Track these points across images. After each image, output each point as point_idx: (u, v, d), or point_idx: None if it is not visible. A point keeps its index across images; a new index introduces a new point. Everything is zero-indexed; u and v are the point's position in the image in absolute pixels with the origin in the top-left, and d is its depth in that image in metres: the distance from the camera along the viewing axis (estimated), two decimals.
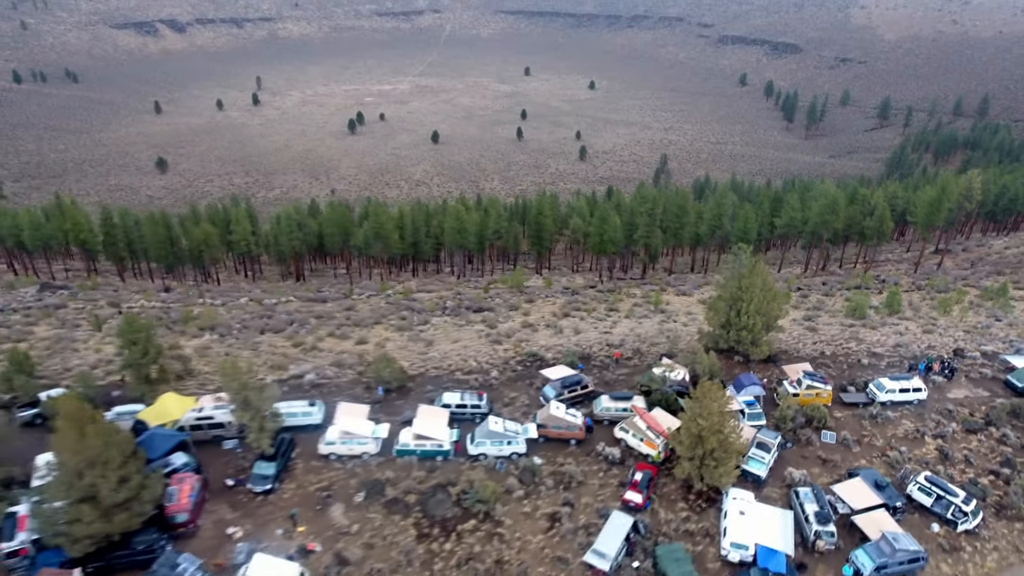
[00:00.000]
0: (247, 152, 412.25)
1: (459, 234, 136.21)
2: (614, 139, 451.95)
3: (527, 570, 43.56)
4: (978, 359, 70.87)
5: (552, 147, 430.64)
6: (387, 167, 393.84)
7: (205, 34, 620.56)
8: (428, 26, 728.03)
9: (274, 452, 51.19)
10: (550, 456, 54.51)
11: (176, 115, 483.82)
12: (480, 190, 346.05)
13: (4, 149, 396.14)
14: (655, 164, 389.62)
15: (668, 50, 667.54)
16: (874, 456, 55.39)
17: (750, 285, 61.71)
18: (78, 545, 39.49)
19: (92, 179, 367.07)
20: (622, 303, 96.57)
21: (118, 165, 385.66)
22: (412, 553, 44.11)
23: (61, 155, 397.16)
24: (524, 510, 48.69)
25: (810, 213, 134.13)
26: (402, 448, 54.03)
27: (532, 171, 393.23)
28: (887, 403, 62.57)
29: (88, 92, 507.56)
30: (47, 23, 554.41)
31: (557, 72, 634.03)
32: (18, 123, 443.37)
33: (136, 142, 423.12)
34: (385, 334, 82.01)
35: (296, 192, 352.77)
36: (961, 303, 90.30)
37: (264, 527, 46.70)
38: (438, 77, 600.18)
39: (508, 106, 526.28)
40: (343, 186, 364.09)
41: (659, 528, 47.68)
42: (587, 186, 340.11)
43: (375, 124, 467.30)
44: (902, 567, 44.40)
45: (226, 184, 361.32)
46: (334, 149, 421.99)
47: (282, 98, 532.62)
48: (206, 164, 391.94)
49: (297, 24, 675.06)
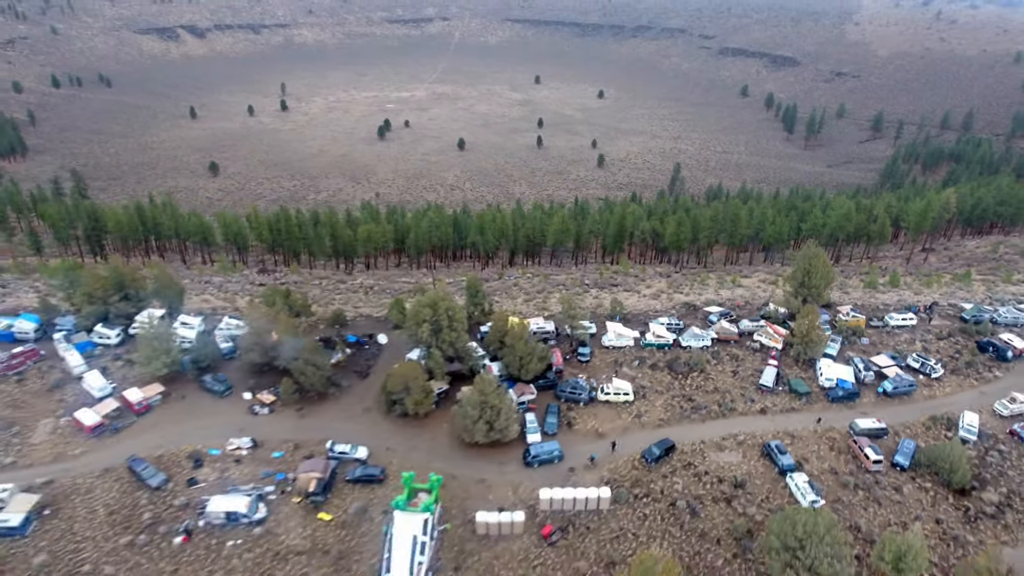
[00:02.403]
0: (286, 157, 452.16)
1: (563, 234, 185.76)
2: (627, 147, 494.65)
3: (729, 389, 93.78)
4: (946, 307, 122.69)
5: (570, 155, 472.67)
6: (420, 172, 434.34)
7: (224, 39, 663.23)
8: (437, 33, 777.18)
9: (583, 344, 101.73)
10: (723, 347, 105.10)
11: (210, 120, 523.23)
12: (510, 195, 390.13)
13: (61, 152, 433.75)
14: (668, 171, 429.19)
15: (671, 60, 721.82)
16: (889, 347, 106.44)
17: (815, 262, 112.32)
18: (529, 376, 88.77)
19: (150, 181, 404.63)
20: (708, 281, 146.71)
21: (171, 168, 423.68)
22: (670, 384, 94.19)
23: (114, 158, 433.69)
24: (718, 369, 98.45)
25: (829, 220, 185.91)
26: (647, 342, 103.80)
27: (555, 177, 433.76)
28: (894, 326, 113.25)
29: (122, 96, 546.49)
30: (75, 28, 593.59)
31: (565, 80, 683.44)
32: (64, 127, 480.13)
33: (180, 146, 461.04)
34: (596, 293, 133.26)
35: (342, 195, 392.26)
36: (938, 281, 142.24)
37: (593, 374, 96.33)
38: (452, 84, 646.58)
39: (523, 114, 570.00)
40: (384, 190, 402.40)
41: (787, 373, 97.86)
42: (608, 192, 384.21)
43: (401, 130, 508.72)
44: (904, 389, 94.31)
45: (276, 187, 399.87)
46: (367, 154, 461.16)
47: (307, 104, 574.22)
48: (251, 168, 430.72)
49: (311, 30, 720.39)
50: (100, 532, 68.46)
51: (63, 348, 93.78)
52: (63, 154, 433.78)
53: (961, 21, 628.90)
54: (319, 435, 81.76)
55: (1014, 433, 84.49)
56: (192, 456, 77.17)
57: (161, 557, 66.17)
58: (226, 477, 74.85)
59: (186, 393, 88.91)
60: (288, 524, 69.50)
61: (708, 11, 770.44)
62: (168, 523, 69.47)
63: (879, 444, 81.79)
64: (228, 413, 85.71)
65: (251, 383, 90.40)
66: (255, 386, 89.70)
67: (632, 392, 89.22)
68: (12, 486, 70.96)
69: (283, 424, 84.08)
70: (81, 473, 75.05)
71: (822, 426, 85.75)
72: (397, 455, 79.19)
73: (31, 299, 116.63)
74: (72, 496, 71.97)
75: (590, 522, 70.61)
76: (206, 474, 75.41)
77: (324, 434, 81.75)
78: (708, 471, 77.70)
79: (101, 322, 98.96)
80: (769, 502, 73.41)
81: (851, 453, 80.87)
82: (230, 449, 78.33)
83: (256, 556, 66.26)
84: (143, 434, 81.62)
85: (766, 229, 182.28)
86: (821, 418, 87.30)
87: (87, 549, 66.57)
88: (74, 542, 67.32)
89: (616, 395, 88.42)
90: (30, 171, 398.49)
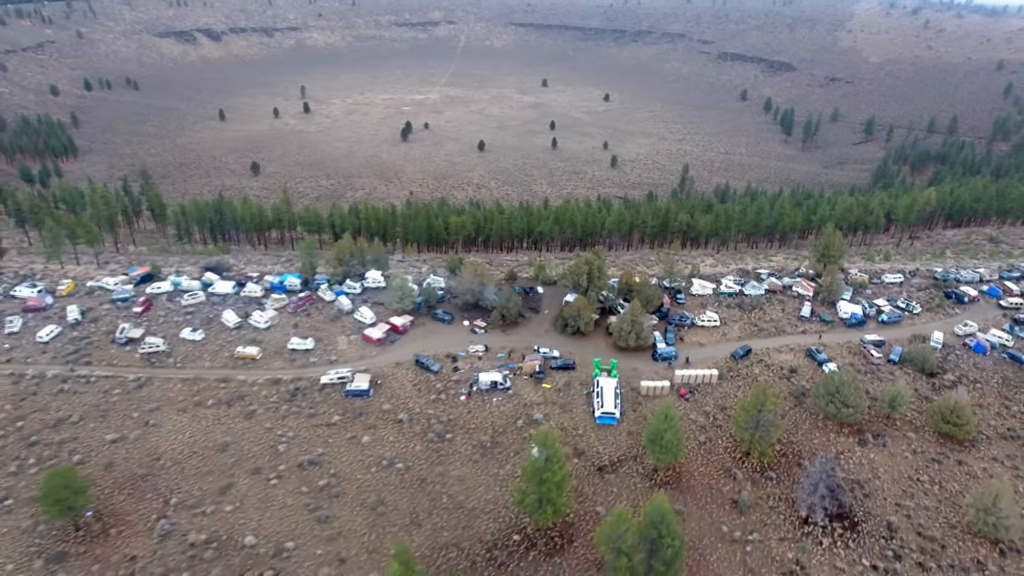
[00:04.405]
0: (318, 157, 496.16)
1: (620, 224, 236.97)
2: (636, 149, 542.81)
3: (779, 319, 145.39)
4: (925, 272, 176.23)
5: (584, 155, 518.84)
6: (446, 172, 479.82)
7: (239, 42, 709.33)
8: (444, 36, 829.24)
9: (679, 292, 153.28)
10: (772, 296, 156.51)
11: (238, 122, 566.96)
12: (534, 193, 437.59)
13: (106, 152, 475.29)
14: (677, 172, 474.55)
15: (672, 65, 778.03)
16: (884, 295, 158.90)
17: (832, 239, 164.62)
18: (651, 309, 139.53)
19: (197, 181, 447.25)
20: (746, 259, 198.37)
21: (213, 168, 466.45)
22: (741, 316, 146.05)
23: (156, 158, 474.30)
24: (770, 308, 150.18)
25: (835, 212, 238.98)
26: (721, 291, 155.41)
27: (573, 177, 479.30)
28: (888, 282, 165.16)
29: (149, 99, 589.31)
30: (97, 32, 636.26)
31: (571, 84, 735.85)
32: (103, 128, 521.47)
33: (215, 147, 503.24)
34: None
35: (377, 193, 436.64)
36: (920, 257, 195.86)
37: (688, 311, 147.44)
38: (463, 88, 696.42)
39: (535, 117, 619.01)
40: (416, 188, 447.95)
41: (818, 310, 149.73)
42: (624, 191, 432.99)
43: (422, 132, 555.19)
44: (895, 319, 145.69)
45: (315, 186, 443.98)
46: (394, 155, 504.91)
47: (327, 106, 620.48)
48: (288, 168, 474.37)
49: (322, 33, 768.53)
50: (413, 394, 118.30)
51: (328, 295, 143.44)
52: (109, 155, 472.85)
53: (948, 30, 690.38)
54: (522, 344, 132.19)
55: (966, 344, 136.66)
56: (449, 355, 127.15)
57: (454, 407, 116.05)
58: (475, 367, 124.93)
59: (424, 322, 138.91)
60: (525, 390, 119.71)
61: (707, 17, 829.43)
62: (451, 390, 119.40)
63: (880, 350, 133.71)
64: (456, 333, 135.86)
65: (464, 316, 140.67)
66: (468, 317, 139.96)
67: (719, 319, 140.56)
68: (349, 369, 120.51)
69: (496, 339, 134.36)
70: (383, 365, 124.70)
71: (843, 338, 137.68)
72: (576, 355, 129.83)
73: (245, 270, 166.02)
74: (387, 376, 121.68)
75: (706, 389, 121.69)
76: (461, 365, 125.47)
77: (525, 344, 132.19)
78: (772, 364, 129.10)
79: (346, 279, 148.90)
80: (812, 379, 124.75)
81: (861, 355, 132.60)
82: (471, 352, 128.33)
83: (513, 406, 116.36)
84: (408, 345, 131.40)
85: (784, 220, 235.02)
86: (822, 334, 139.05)
87: (410, 401, 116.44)
88: (400, 399, 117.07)
89: (709, 322, 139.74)
90: (83, 170, 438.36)
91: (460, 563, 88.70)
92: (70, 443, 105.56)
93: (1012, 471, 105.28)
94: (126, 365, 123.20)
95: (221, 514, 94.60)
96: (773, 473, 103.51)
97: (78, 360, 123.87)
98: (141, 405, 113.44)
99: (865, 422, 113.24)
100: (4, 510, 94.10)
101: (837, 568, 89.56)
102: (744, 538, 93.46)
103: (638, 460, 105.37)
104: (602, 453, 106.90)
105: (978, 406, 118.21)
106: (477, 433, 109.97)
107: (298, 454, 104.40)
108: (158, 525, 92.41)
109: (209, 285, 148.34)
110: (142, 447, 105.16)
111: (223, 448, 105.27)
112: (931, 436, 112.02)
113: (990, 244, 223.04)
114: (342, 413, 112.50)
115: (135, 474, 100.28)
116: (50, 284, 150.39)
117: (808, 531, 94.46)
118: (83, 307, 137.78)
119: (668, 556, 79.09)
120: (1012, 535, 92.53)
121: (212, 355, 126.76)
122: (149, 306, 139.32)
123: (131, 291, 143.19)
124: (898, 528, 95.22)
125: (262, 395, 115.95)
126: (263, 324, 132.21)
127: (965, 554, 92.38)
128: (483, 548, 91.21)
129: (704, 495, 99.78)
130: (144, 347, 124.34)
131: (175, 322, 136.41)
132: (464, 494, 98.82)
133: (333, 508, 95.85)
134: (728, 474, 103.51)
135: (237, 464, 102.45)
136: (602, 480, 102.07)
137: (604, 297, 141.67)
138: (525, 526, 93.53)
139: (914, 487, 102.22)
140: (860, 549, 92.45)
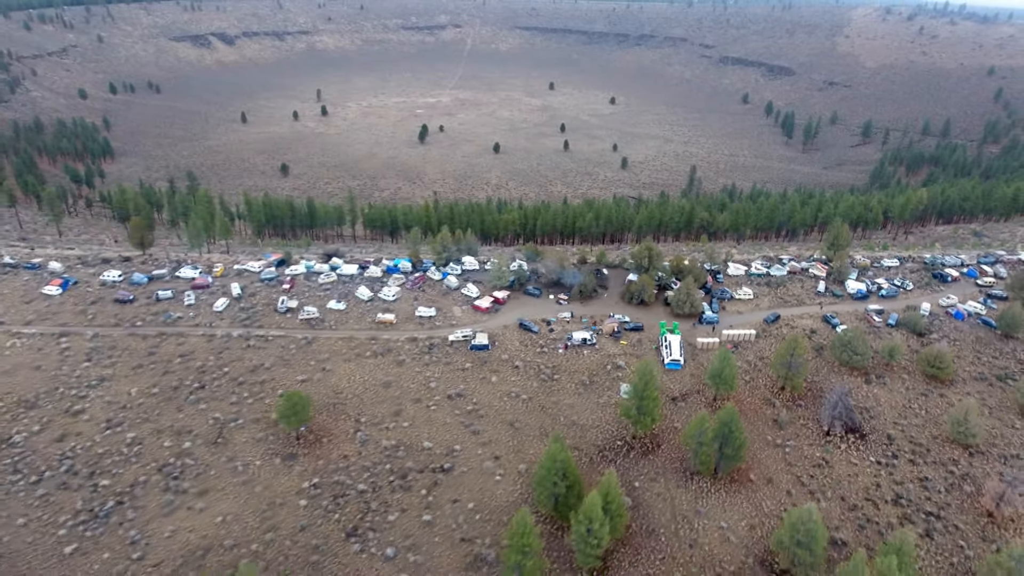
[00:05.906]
0: (341, 159, 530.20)
1: (650, 220, 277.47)
2: (645, 151, 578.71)
3: (799, 293, 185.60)
4: (917, 258, 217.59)
5: (595, 157, 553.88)
6: (465, 173, 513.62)
7: (252, 46, 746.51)
8: (451, 40, 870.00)
9: (718, 272, 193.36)
10: (792, 276, 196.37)
11: (260, 124, 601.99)
12: (550, 193, 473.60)
13: (139, 154, 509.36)
14: (685, 172, 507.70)
15: (674, 68, 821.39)
16: (883, 276, 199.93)
17: (840, 230, 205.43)
18: (697, 285, 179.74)
19: (229, 181, 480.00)
20: (764, 249, 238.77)
21: (244, 169, 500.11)
22: (769, 292, 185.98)
23: (187, 160, 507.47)
24: (791, 285, 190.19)
25: (838, 210, 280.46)
26: (751, 272, 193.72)
27: (586, 178, 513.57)
28: (887, 266, 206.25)
29: (171, 102, 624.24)
30: (116, 36, 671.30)
31: (577, 87, 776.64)
32: (132, 131, 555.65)
33: (242, 149, 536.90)
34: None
35: (402, 193, 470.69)
36: (913, 248, 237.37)
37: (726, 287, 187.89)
38: (472, 91, 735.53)
39: (545, 119, 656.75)
40: (438, 188, 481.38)
41: (830, 287, 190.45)
42: (636, 190, 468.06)
43: (437, 135, 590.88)
44: (892, 293, 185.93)
45: (342, 186, 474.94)
46: (413, 157, 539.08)
47: (343, 109, 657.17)
48: (313, 168, 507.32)
49: (332, 37, 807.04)
50: (520, 349, 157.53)
51: (436, 276, 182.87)
52: (143, 156, 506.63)
53: (942, 36, 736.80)
54: (598, 312, 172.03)
55: (948, 313, 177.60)
56: (544, 320, 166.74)
57: (555, 357, 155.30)
58: (566, 329, 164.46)
59: (518, 296, 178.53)
60: (607, 346, 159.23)
61: (708, 21, 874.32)
62: (550, 346, 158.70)
63: (880, 316, 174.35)
64: (544, 305, 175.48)
65: (549, 291, 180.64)
66: (552, 292, 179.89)
67: (752, 294, 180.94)
68: (472, 329, 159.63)
69: (577, 309, 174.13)
70: (493, 327, 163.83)
71: (851, 308, 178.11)
72: (643, 320, 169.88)
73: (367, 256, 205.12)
74: (499, 336, 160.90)
75: (747, 345, 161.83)
76: (556, 328, 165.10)
77: (601, 312, 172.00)
78: (796, 327, 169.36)
79: (448, 263, 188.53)
80: (828, 338, 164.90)
81: (866, 320, 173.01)
82: (560, 317, 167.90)
83: (600, 356, 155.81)
84: (508, 313, 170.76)
85: (794, 217, 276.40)
86: (821, 303, 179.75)
87: (521, 353, 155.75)
88: (513, 351, 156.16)
89: (744, 295, 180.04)
90: (121, 172, 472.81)
91: (581, 460, 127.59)
92: (269, 382, 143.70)
93: (980, 402, 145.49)
94: (292, 328, 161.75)
95: (400, 428, 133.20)
96: (803, 401, 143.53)
97: (252, 324, 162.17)
98: (315, 356, 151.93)
99: (870, 367, 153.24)
100: (239, 427, 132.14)
101: (852, 463, 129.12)
102: (784, 444, 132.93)
103: (700, 393, 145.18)
104: (672, 388, 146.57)
105: (956, 357, 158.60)
106: (577, 375, 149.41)
107: (445, 389, 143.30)
108: (357, 436, 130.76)
109: (336, 268, 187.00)
110: (325, 385, 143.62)
111: (387, 385, 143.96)
112: (920, 377, 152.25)
113: (974, 237, 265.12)
114: (472, 362, 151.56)
115: (327, 403, 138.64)
116: (204, 268, 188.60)
117: (830, 439, 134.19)
118: (241, 284, 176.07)
119: (736, 445, 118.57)
120: (977, 441, 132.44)
121: (356, 320, 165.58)
122: (294, 284, 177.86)
123: (275, 272, 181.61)
124: (895, 438, 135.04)
125: (405, 348, 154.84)
126: (391, 297, 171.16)
127: (944, 455, 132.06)
128: (596, 450, 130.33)
129: (752, 416, 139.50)
130: (303, 314, 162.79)
131: (318, 296, 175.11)
132: (576, 415, 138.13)
133: (481, 425, 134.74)
134: (768, 402, 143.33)
135: (401, 396, 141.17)
136: (675, 406, 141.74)
137: (660, 276, 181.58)
138: (626, 436, 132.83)
139: (907, 411, 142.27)
140: (868, 451, 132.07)
